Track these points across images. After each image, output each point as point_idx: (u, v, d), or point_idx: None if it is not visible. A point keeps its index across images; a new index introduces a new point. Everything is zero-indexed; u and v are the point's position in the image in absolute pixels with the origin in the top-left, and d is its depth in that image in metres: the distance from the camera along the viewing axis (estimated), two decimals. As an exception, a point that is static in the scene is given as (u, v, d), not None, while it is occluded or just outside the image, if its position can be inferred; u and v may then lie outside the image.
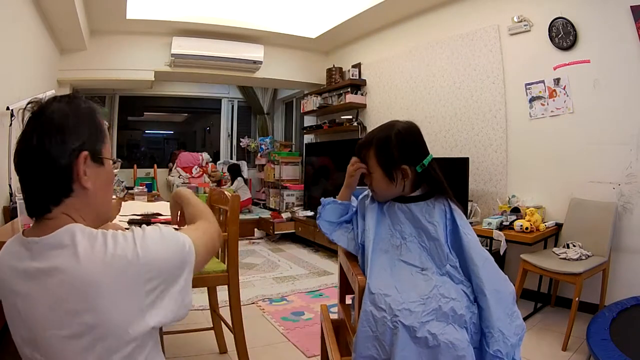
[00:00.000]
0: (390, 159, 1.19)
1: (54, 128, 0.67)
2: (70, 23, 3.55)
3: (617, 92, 2.65)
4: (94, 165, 0.72)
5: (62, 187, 0.69)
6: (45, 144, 0.66)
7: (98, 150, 0.73)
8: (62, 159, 0.67)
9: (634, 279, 2.55)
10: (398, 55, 4.35)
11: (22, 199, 0.71)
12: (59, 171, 0.68)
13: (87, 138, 0.71)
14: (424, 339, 0.99)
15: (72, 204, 0.70)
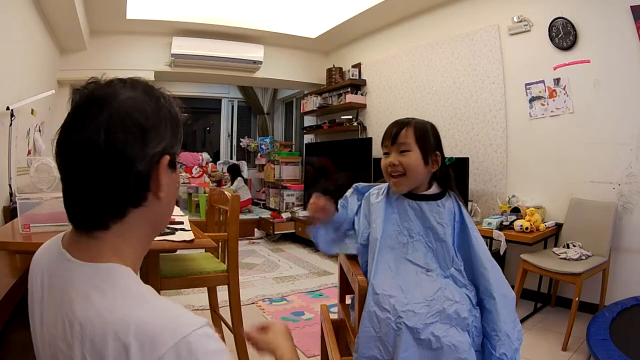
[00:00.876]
0: (428, 141, 1.21)
1: (133, 124, 0.52)
2: (70, 23, 3.55)
3: (617, 92, 2.65)
4: (169, 172, 0.58)
5: (135, 195, 0.54)
6: (118, 143, 0.51)
7: (175, 154, 0.59)
8: (141, 163, 0.52)
9: (634, 279, 2.55)
10: (398, 55, 4.35)
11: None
12: (135, 177, 0.53)
13: (168, 140, 0.56)
14: (427, 341, 0.99)
15: (136, 218, 0.56)
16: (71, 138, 0.52)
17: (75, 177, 0.52)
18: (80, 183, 0.52)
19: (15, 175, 2.52)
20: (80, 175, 0.52)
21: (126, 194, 0.53)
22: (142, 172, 0.53)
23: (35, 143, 3.10)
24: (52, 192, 1.71)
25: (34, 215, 1.53)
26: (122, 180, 0.52)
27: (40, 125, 3.32)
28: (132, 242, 0.57)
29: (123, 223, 0.55)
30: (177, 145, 0.60)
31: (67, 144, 0.52)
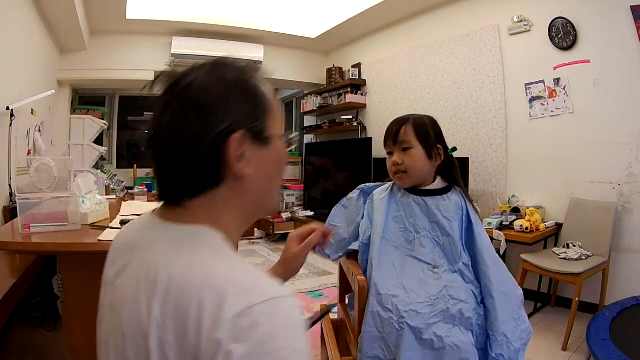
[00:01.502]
0: (428, 136, 1.20)
1: (189, 106, 0.52)
2: (70, 23, 3.55)
3: (617, 92, 2.65)
4: (257, 147, 0.55)
5: (208, 175, 0.53)
6: (176, 126, 0.52)
7: (261, 128, 0.56)
8: (203, 143, 0.51)
9: (634, 279, 2.55)
10: (398, 55, 4.35)
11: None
12: (200, 159, 0.52)
13: (240, 115, 0.54)
14: (430, 341, 0.99)
15: (219, 196, 0.55)
16: (149, 128, 0.56)
17: (156, 161, 0.56)
18: (160, 165, 0.55)
19: (15, 175, 2.52)
20: (158, 154, 0.55)
21: (198, 174, 0.53)
22: (207, 153, 0.52)
23: (35, 143, 3.10)
24: (52, 192, 1.71)
25: (34, 215, 1.53)
26: (191, 162, 0.52)
27: (40, 125, 3.32)
28: (225, 218, 0.56)
29: (206, 199, 0.55)
30: (263, 118, 0.56)
31: (148, 134, 0.56)
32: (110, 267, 0.62)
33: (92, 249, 1.42)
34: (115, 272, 0.58)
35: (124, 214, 1.94)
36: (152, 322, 0.46)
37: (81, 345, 1.51)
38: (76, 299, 1.50)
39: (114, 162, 6.60)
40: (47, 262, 2.17)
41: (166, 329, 0.45)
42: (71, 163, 2.22)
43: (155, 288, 0.48)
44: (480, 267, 1.13)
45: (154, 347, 0.46)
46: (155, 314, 0.46)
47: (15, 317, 2.40)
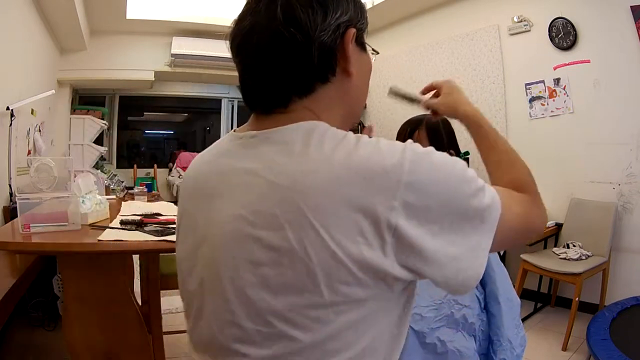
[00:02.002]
0: (441, 141, 1.17)
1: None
2: (70, 23, 3.55)
3: (617, 92, 2.65)
4: (358, 50, 0.55)
5: (322, 70, 0.51)
6: (297, 16, 0.49)
7: (363, 31, 0.57)
8: (324, 34, 0.50)
9: (634, 279, 2.55)
10: (398, 55, 4.35)
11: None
12: (320, 49, 0.50)
13: (352, 14, 0.53)
14: (433, 345, 0.99)
15: (325, 95, 0.53)
16: (250, 21, 0.52)
17: (258, 57, 0.51)
18: (263, 62, 0.51)
19: (15, 175, 2.52)
20: (262, 54, 0.51)
21: (312, 67, 0.51)
22: (326, 44, 0.50)
23: (35, 143, 3.10)
24: (52, 192, 1.71)
25: (34, 215, 1.53)
26: (306, 53, 0.50)
27: (40, 125, 3.32)
28: (327, 118, 0.53)
29: (310, 99, 0.52)
30: (364, 24, 0.57)
31: (246, 27, 0.52)
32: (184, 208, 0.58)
33: (92, 249, 1.42)
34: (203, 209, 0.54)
35: (124, 214, 1.94)
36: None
37: (81, 345, 1.51)
38: (76, 299, 1.50)
39: (114, 162, 6.61)
40: (47, 262, 2.17)
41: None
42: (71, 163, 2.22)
43: (285, 194, 0.45)
44: (487, 271, 1.13)
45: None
46: (295, 220, 0.44)
47: (15, 317, 2.39)
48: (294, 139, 0.49)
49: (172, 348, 2.14)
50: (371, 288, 0.45)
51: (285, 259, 0.44)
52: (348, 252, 0.43)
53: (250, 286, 0.46)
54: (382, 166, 0.44)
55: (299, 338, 0.45)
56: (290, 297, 0.45)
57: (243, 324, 0.47)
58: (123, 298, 1.54)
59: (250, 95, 0.55)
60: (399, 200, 0.43)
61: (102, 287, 1.51)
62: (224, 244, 0.49)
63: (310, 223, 0.43)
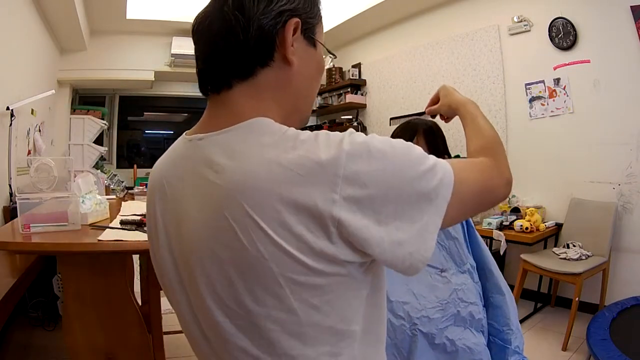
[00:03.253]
0: (437, 146, 1.20)
1: None
2: (70, 23, 3.55)
3: (617, 92, 2.65)
4: (305, 43, 0.57)
5: (259, 52, 0.53)
6: (244, 2, 0.53)
7: (311, 26, 0.58)
8: (265, 19, 0.53)
9: (634, 279, 2.55)
10: (398, 55, 4.35)
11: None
12: (259, 34, 0.53)
13: (300, 6, 0.56)
14: (442, 345, 1.00)
15: (265, 80, 0.55)
16: (206, 9, 0.56)
17: (207, 41, 0.55)
18: (209, 45, 0.55)
19: (15, 175, 2.52)
20: (211, 37, 0.54)
21: (249, 50, 0.53)
22: (264, 27, 0.53)
23: (35, 143, 3.10)
24: (52, 192, 1.71)
25: (34, 215, 1.53)
26: (245, 35, 0.52)
27: (40, 125, 3.32)
28: (269, 105, 0.55)
29: (250, 85, 0.55)
30: (314, 19, 0.58)
31: (202, 14, 0.56)
32: (153, 211, 0.60)
33: (92, 249, 1.42)
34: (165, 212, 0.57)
35: (124, 214, 1.94)
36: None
37: (81, 345, 1.51)
38: (76, 299, 1.50)
39: (114, 162, 6.60)
40: (47, 262, 2.17)
41: None
42: (71, 163, 2.21)
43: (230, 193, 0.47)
44: (487, 267, 1.15)
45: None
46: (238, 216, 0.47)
47: (15, 317, 2.40)
48: (236, 140, 0.50)
49: (172, 348, 2.14)
50: (328, 275, 0.47)
51: (241, 258, 0.47)
52: (296, 245, 0.45)
53: (218, 284, 0.49)
54: (318, 161, 0.45)
55: (267, 326, 0.48)
56: (254, 290, 0.47)
57: (218, 318, 0.51)
58: (123, 298, 1.54)
59: (200, 76, 0.57)
60: (339, 194, 0.45)
61: (102, 287, 1.51)
62: (192, 247, 0.52)
63: (255, 222, 0.45)
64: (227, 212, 0.47)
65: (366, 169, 0.46)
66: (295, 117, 0.60)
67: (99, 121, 4.75)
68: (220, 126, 0.53)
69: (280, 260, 0.45)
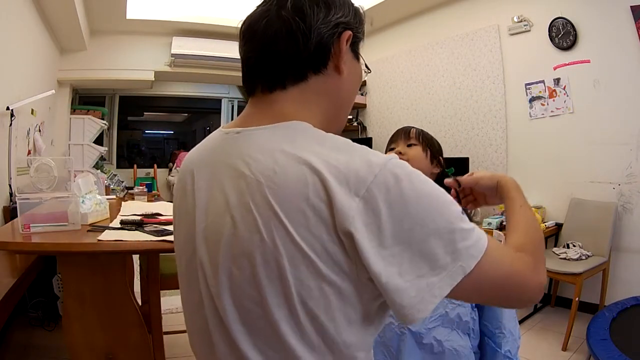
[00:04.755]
0: (433, 144, 1.19)
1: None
2: (70, 23, 3.55)
3: (617, 92, 2.65)
4: (351, 55, 0.60)
5: (316, 59, 0.55)
6: (304, 8, 0.54)
7: (358, 40, 0.61)
8: (324, 28, 0.55)
9: (634, 279, 2.55)
10: (398, 55, 4.35)
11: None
12: (317, 39, 0.55)
13: (352, 20, 0.59)
14: (430, 345, 1.00)
15: (315, 86, 0.57)
16: (262, 9, 0.57)
17: (262, 41, 0.56)
18: (266, 46, 0.56)
19: (15, 175, 2.52)
20: (267, 38, 0.55)
21: (307, 55, 0.55)
22: (323, 36, 0.55)
23: (35, 143, 3.10)
24: (52, 192, 1.71)
25: (34, 215, 1.53)
26: (305, 42, 0.54)
27: (40, 125, 3.32)
28: (313, 111, 0.57)
29: (302, 89, 0.56)
30: (360, 34, 0.61)
31: (257, 13, 0.58)
32: (182, 197, 0.61)
33: (92, 249, 1.42)
34: (192, 199, 0.58)
35: (124, 214, 1.94)
36: None
37: (81, 345, 1.51)
38: (76, 299, 1.50)
39: (114, 162, 6.61)
40: (47, 262, 2.17)
41: None
42: (71, 163, 2.21)
43: (259, 186, 0.48)
44: None
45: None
46: (263, 211, 0.48)
47: (15, 317, 2.40)
48: (272, 137, 0.52)
49: (172, 348, 2.14)
50: (334, 283, 0.46)
51: (258, 251, 0.47)
52: (313, 249, 0.45)
53: (234, 275, 0.50)
54: (346, 175, 0.45)
55: (273, 322, 0.48)
56: (265, 286, 0.47)
57: (229, 308, 0.51)
58: (123, 298, 1.54)
59: (252, 74, 0.58)
60: (357, 212, 0.44)
61: (102, 287, 1.51)
62: (213, 237, 0.53)
63: (278, 217, 0.46)
64: (252, 203, 0.48)
65: (390, 197, 0.45)
66: (334, 126, 0.61)
67: (99, 121, 4.75)
68: (261, 123, 0.54)
69: (296, 259, 0.45)
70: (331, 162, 0.46)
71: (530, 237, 0.60)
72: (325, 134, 0.52)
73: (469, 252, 0.46)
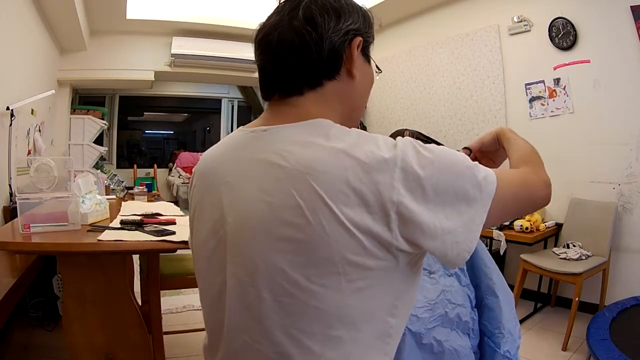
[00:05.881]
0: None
1: (328, 7, 0.59)
2: (70, 23, 3.55)
3: (617, 92, 2.65)
4: (362, 59, 0.64)
5: (329, 66, 0.59)
6: (315, 18, 0.58)
7: (368, 44, 0.65)
8: (335, 36, 0.59)
9: (634, 279, 2.55)
10: (398, 55, 4.35)
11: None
12: (329, 48, 0.58)
13: (361, 26, 0.62)
14: (429, 346, 1.00)
15: (330, 91, 0.60)
16: (275, 19, 0.61)
17: (277, 51, 0.59)
18: (281, 55, 0.59)
19: (15, 175, 2.52)
20: (281, 48, 0.59)
21: (321, 63, 0.58)
22: (335, 44, 0.59)
23: (35, 143, 3.10)
24: (52, 192, 1.71)
25: (34, 215, 1.53)
26: (318, 51, 0.58)
27: (40, 125, 3.32)
28: (331, 112, 0.60)
29: (318, 93, 0.60)
30: (370, 38, 0.65)
31: (271, 24, 0.61)
32: (200, 201, 0.64)
33: (92, 249, 1.42)
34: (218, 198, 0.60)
35: (124, 214, 1.94)
36: None
37: (81, 345, 1.51)
38: (76, 299, 1.50)
39: (114, 162, 6.62)
40: (47, 262, 2.17)
41: None
42: (71, 163, 2.22)
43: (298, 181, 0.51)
44: (480, 267, 1.14)
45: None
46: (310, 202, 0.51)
47: (15, 317, 2.40)
48: (303, 132, 0.55)
49: (172, 348, 2.14)
50: (378, 258, 0.51)
51: (302, 234, 0.50)
52: (356, 224, 0.49)
53: (271, 260, 0.52)
54: (381, 156, 0.51)
55: (314, 304, 0.51)
56: (308, 268, 0.50)
57: (264, 295, 0.53)
58: (123, 298, 1.54)
59: (269, 82, 0.62)
60: (398, 182, 0.50)
61: (102, 287, 1.51)
62: (247, 224, 0.55)
63: (322, 199, 0.49)
64: (294, 190, 0.51)
65: (418, 162, 0.51)
66: (348, 125, 0.64)
67: (99, 121, 4.75)
68: (286, 122, 0.57)
69: (341, 238, 0.49)
70: (363, 148, 0.51)
71: (524, 153, 0.73)
72: (348, 128, 0.56)
73: (487, 181, 0.54)
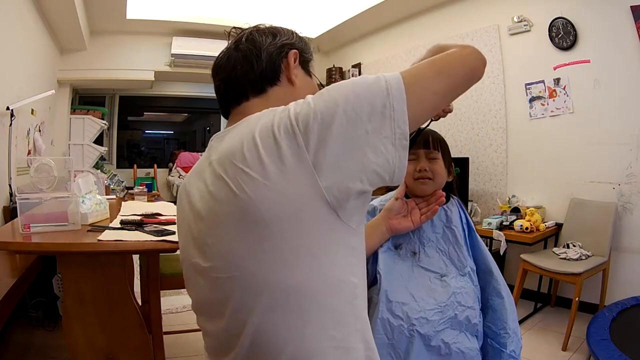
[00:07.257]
0: (449, 155, 1.23)
1: (265, 30, 0.73)
2: (70, 23, 3.55)
3: (617, 92, 2.65)
4: (302, 72, 0.74)
5: (268, 73, 0.70)
6: (254, 39, 0.71)
7: (307, 60, 0.76)
8: (272, 48, 0.70)
9: (634, 279, 2.55)
10: (398, 55, 4.35)
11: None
12: (267, 58, 0.70)
13: (298, 43, 0.74)
14: (437, 348, 1.00)
15: (273, 95, 0.70)
16: (225, 50, 0.73)
17: (227, 70, 0.71)
18: (230, 72, 0.71)
19: (15, 175, 2.52)
20: (230, 66, 0.71)
21: (261, 72, 0.69)
22: (272, 54, 0.70)
23: (35, 143, 3.10)
24: (52, 192, 1.71)
25: (34, 215, 1.53)
26: (258, 61, 0.69)
27: (40, 125, 3.32)
28: None
29: (262, 98, 0.70)
30: (309, 55, 0.76)
31: (221, 54, 0.73)
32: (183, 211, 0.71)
33: (92, 249, 1.42)
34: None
35: (124, 214, 1.94)
36: None
37: (81, 345, 1.51)
38: (76, 299, 1.50)
39: (114, 162, 6.61)
40: (47, 262, 2.17)
41: None
42: (71, 163, 2.21)
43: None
44: (488, 269, 1.15)
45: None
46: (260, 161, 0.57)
47: (15, 317, 2.40)
48: (238, 131, 0.62)
49: (172, 348, 2.14)
50: (312, 209, 0.55)
51: (234, 207, 0.56)
52: (274, 172, 0.54)
53: (218, 242, 0.59)
54: (289, 115, 0.57)
55: (258, 274, 0.56)
56: (247, 238, 0.55)
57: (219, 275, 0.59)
58: (123, 298, 1.54)
59: (223, 98, 0.72)
60: (299, 128, 0.55)
61: (102, 287, 1.51)
62: (200, 215, 0.62)
63: (240, 169, 0.56)
64: (222, 172, 0.58)
65: (323, 107, 0.56)
66: None
67: (99, 121, 4.75)
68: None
69: (265, 197, 0.54)
70: (273, 118, 0.58)
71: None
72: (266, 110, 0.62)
73: (391, 92, 0.57)
